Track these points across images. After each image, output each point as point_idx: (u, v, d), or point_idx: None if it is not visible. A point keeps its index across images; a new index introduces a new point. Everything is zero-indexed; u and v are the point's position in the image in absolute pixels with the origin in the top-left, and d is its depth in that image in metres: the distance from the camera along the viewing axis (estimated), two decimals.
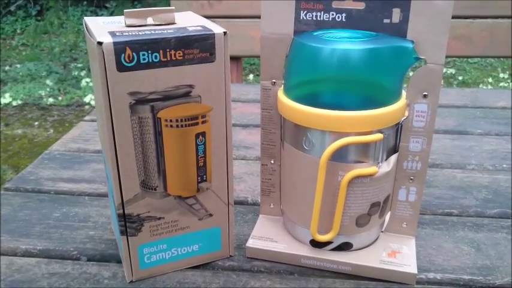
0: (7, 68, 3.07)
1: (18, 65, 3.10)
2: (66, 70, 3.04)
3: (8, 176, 1.87)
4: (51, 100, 2.64)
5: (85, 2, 3.87)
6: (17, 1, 3.80)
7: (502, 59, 3.05)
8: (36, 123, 2.40)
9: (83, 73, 2.96)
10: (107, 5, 3.82)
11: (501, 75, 2.94)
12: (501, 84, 2.83)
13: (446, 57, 0.40)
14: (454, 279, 0.44)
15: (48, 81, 2.83)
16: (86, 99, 2.63)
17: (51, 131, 2.31)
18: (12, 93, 2.68)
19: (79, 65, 3.11)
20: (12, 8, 3.81)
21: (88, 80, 2.79)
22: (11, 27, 3.76)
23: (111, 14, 3.66)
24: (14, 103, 2.60)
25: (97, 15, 3.67)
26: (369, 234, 0.46)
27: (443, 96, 0.89)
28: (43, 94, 2.69)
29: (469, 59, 3.16)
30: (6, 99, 2.62)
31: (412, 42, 0.40)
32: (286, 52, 0.43)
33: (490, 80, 2.87)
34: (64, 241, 0.50)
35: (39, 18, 3.84)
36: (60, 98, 2.67)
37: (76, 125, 0.80)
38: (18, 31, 3.73)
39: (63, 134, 0.76)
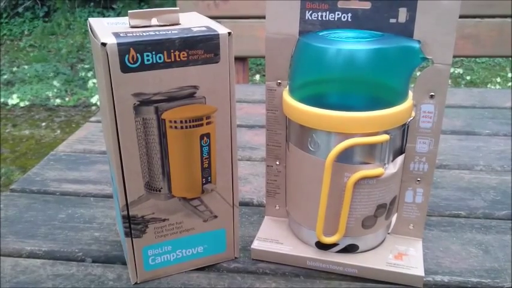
0: (15, 69, 3.09)
1: (26, 66, 3.12)
2: (73, 71, 3.05)
3: (16, 176, 1.88)
4: (58, 101, 2.65)
5: (92, 3, 3.89)
6: (25, 2, 3.82)
7: (510, 58, 3.03)
8: (44, 124, 2.41)
9: (89, 74, 2.98)
10: (114, 6, 3.84)
11: (509, 75, 2.91)
12: (509, 84, 2.80)
13: (454, 57, 0.40)
14: (461, 281, 0.44)
15: (55, 82, 2.85)
16: (93, 100, 2.65)
17: (58, 131, 2.32)
18: (19, 94, 2.69)
19: (86, 66, 3.12)
20: (20, 9, 3.84)
21: (95, 81, 2.80)
22: (18, 29, 3.78)
23: (118, 15, 3.68)
24: (22, 104, 2.62)
25: (104, 16, 3.69)
26: (375, 236, 0.46)
27: (450, 96, 0.88)
28: (50, 95, 2.70)
29: (477, 59, 3.13)
30: (14, 100, 2.63)
31: (419, 42, 0.40)
32: (292, 52, 0.43)
33: (498, 79, 2.85)
34: (69, 242, 0.50)
35: (46, 19, 3.86)
36: (67, 99, 2.69)
37: (82, 126, 0.81)
38: (26, 32, 3.75)
39: (70, 135, 0.76)
